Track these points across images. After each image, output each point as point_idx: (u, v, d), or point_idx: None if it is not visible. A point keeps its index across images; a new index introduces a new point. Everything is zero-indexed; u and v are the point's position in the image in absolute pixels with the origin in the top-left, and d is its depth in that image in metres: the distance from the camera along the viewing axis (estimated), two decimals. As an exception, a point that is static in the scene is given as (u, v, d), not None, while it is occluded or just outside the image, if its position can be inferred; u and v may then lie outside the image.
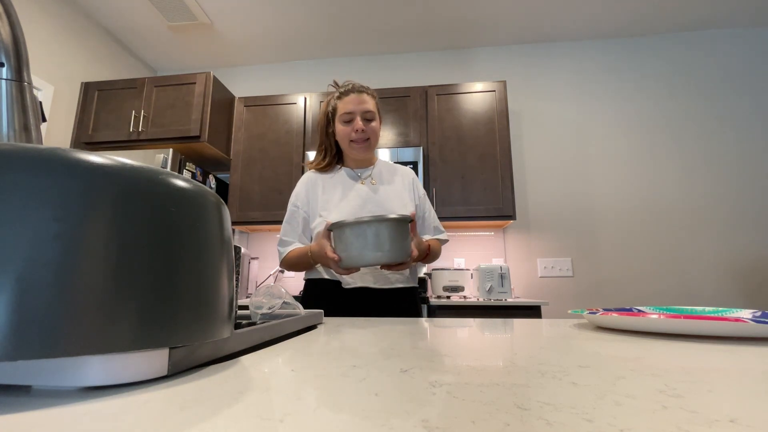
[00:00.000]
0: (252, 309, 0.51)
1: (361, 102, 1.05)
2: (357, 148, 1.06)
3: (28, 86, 0.35)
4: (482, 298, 1.96)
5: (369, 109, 1.05)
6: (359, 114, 1.04)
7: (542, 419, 0.16)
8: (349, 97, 1.05)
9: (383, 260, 0.78)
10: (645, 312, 0.55)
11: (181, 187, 0.23)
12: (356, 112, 1.04)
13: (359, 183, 1.10)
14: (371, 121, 1.06)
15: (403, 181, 1.15)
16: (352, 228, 0.79)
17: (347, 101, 1.05)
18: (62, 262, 0.18)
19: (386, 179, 1.13)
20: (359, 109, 1.04)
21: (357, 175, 1.11)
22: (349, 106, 1.04)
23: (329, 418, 0.16)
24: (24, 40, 0.35)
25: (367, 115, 1.05)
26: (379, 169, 1.15)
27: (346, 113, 1.04)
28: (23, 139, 0.34)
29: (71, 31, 2.48)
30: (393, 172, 1.16)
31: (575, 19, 2.60)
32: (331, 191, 1.08)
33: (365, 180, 1.11)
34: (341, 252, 0.82)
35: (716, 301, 2.37)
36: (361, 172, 1.12)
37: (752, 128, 2.54)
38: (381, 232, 0.78)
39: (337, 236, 0.83)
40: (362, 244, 0.78)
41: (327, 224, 0.85)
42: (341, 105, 1.05)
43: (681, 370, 0.25)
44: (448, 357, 0.31)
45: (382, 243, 0.78)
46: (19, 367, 0.20)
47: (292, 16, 2.62)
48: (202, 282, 0.24)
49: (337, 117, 1.06)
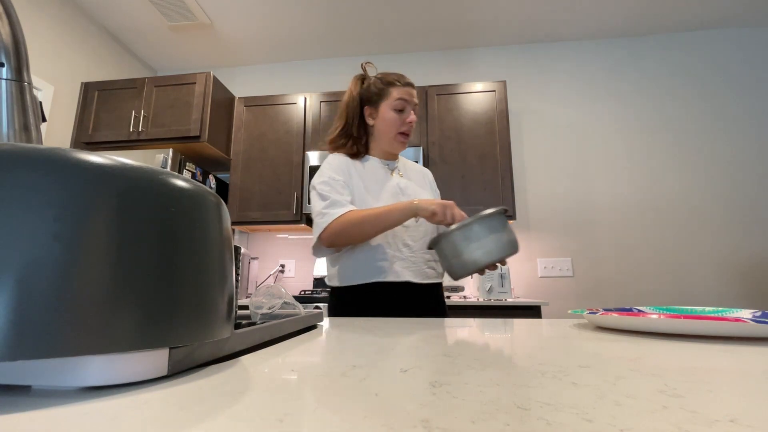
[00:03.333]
0: (252, 309, 0.51)
1: (413, 95, 1.02)
2: (401, 141, 1.03)
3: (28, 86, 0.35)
4: (482, 298, 1.96)
5: (417, 103, 1.04)
6: (413, 106, 1.01)
7: (542, 419, 0.16)
8: (407, 89, 1.01)
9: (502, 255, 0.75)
10: (645, 312, 0.55)
11: (181, 187, 0.23)
12: (411, 103, 1.01)
13: (392, 175, 1.05)
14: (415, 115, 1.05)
15: (424, 179, 1.13)
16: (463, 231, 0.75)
17: (405, 91, 1.01)
18: (62, 262, 0.18)
19: (412, 174, 1.10)
20: (413, 101, 1.02)
21: (388, 167, 1.07)
22: (406, 94, 1.01)
23: (329, 418, 0.16)
24: (24, 40, 0.35)
25: (415, 109, 1.03)
26: (403, 163, 1.12)
27: (401, 100, 1.00)
28: (23, 139, 0.34)
29: (71, 31, 2.48)
30: (415, 169, 1.14)
31: (575, 19, 2.60)
32: (369, 180, 1.02)
33: (394, 172, 1.07)
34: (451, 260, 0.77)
35: (716, 301, 2.37)
36: (389, 164, 1.08)
37: (752, 128, 2.54)
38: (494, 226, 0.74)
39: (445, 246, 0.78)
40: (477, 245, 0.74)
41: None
42: (396, 91, 1.00)
43: (681, 370, 0.25)
44: (448, 357, 0.31)
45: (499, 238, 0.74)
46: (19, 367, 0.20)
47: (292, 16, 2.62)
48: (202, 282, 0.24)
49: (387, 102, 1.01)
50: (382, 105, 1.01)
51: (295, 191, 2.43)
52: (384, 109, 1.01)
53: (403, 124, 1.01)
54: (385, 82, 1.02)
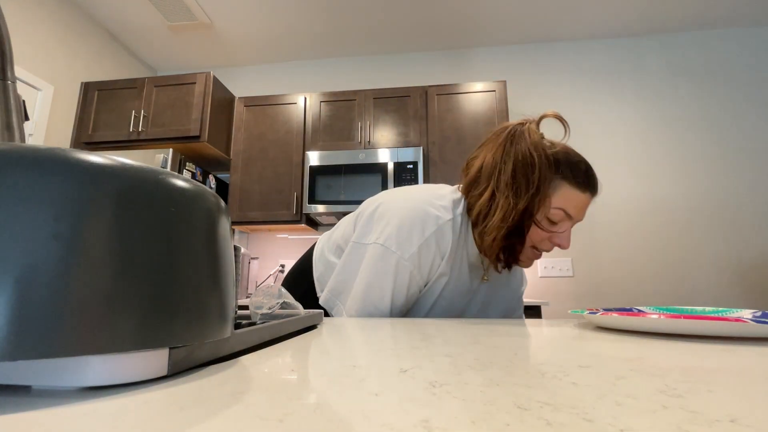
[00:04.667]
0: (252, 309, 0.51)
1: (585, 208, 0.66)
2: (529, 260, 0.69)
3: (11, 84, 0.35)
4: (482, 298, 1.96)
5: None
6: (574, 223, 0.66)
7: (542, 419, 0.16)
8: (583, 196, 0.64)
9: None
10: (645, 312, 0.55)
11: (181, 187, 0.23)
12: (575, 220, 0.65)
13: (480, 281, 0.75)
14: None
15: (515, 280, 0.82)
16: None
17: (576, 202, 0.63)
18: (62, 262, 0.18)
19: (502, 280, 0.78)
20: (580, 217, 0.66)
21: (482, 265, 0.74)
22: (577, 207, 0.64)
23: (329, 418, 0.16)
24: (9, 37, 0.35)
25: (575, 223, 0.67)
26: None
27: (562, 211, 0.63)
28: (5, 138, 0.34)
29: (71, 31, 2.48)
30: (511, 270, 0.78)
31: (575, 19, 2.60)
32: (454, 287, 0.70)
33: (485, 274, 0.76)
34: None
35: (716, 301, 2.36)
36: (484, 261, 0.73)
37: (752, 128, 2.54)
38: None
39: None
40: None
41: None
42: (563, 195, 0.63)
43: (681, 370, 0.25)
44: (448, 357, 0.30)
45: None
46: (19, 367, 0.20)
47: (292, 16, 2.62)
48: (203, 282, 0.24)
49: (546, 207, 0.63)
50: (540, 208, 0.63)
51: (295, 191, 2.43)
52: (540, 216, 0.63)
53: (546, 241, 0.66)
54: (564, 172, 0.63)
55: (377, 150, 2.32)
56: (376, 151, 2.32)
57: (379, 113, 2.47)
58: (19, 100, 0.36)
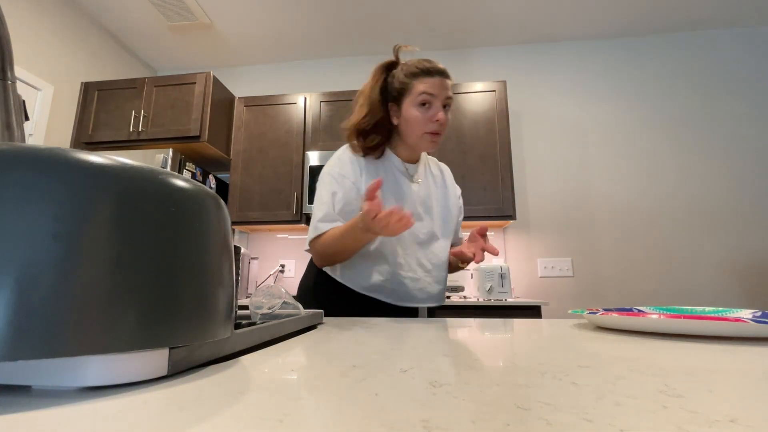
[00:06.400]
0: (252, 309, 0.51)
1: (444, 87, 0.85)
2: (430, 141, 0.86)
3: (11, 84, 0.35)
4: (482, 298, 1.96)
5: (450, 96, 0.86)
6: (441, 101, 0.85)
7: (542, 419, 0.16)
8: (434, 79, 0.85)
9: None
10: (645, 312, 0.55)
11: (181, 187, 0.23)
12: (439, 98, 0.84)
13: (411, 183, 0.93)
14: (447, 110, 0.87)
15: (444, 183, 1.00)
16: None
17: (431, 84, 0.84)
18: (62, 262, 0.18)
19: (431, 181, 0.97)
20: (444, 95, 0.85)
21: (408, 172, 0.93)
22: (432, 88, 0.84)
23: (329, 418, 0.16)
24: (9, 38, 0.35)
25: (447, 102, 0.86)
26: (424, 165, 0.98)
27: (427, 94, 0.84)
28: (5, 138, 0.34)
29: (71, 31, 2.48)
30: (436, 173, 1.00)
31: (575, 19, 2.60)
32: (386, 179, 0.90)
33: (413, 177, 0.94)
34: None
35: (716, 301, 2.37)
36: (410, 168, 0.94)
37: (752, 128, 2.54)
38: None
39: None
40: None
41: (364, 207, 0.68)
42: (419, 84, 0.85)
43: (681, 370, 0.25)
44: (448, 357, 0.30)
45: None
46: (19, 367, 0.20)
47: (292, 17, 2.62)
48: (202, 282, 0.24)
49: (410, 98, 0.86)
50: (405, 102, 0.87)
51: (295, 191, 2.43)
52: (407, 106, 0.86)
53: (428, 122, 0.84)
54: (408, 74, 0.87)
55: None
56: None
57: (379, 113, 2.47)
58: (19, 100, 0.36)
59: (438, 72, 0.86)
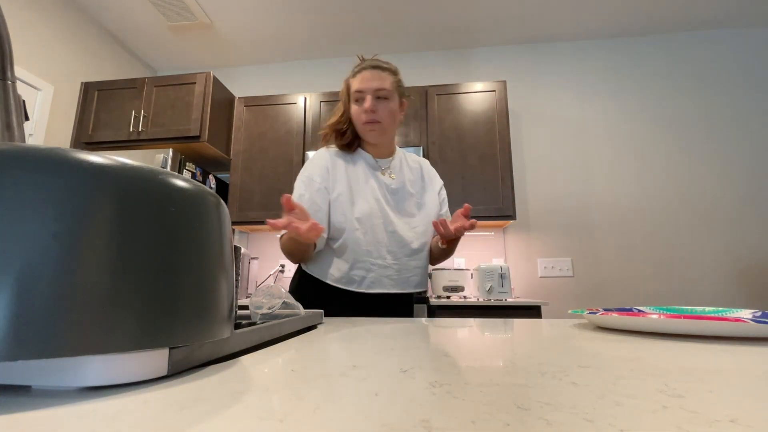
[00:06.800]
0: (252, 309, 0.51)
1: (373, 79, 0.93)
2: (367, 131, 0.95)
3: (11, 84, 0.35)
4: (482, 298, 1.96)
5: (381, 87, 0.93)
6: (370, 93, 0.93)
7: (542, 419, 0.16)
8: (362, 74, 0.94)
9: None
10: (645, 312, 0.55)
11: (181, 187, 0.23)
12: (367, 91, 0.93)
13: (380, 174, 1.00)
14: (386, 101, 0.94)
15: (421, 176, 1.06)
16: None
17: (360, 78, 0.94)
18: (62, 262, 0.18)
19: (406, 174, 1.03)
20: (370, 87, 0.93)
21: (378, 165, 1.01)
22: (360, 83, 0.93)
23: (329, 418, 0.16)
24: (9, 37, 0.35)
25: (380, 93, 0.93)
26: (399, 160, 1.05)
27: (357, 91, 0.93)
28: (5, 138, 0.34)
29: (71, 31, 2.48)
30: (414, 166, 1.06)
31: (575, 19, 2.60)
32: (353, 179, 0.97)
33: (386, 171, 1.01)
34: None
35: (716, 301, 2.37)
36: (382, 162, 1.02)
37: (752, 128, 2.54)
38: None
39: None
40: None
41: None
42: (354, 82, 0.95)
43: (681, 370, 0.25)
44: (448, 357, 0.30)
45: None
46: (19, 367, 0.20)
47: (292, 17, 2.62)
48: (202, 282, 0.24)
49: (351, 96, 0.96)
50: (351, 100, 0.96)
51: (295, 191, 2.43)
52: (351, 104, 0.96)
53: (362, 114, 0.93)
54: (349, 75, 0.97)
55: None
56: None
57: (379, 113, 2.47)
58: (19, 100, 0.36)
59: (368, 67, 0.95)
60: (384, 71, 0.95)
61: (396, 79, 0.97)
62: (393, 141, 1.04)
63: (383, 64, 0.96)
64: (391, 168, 1.02)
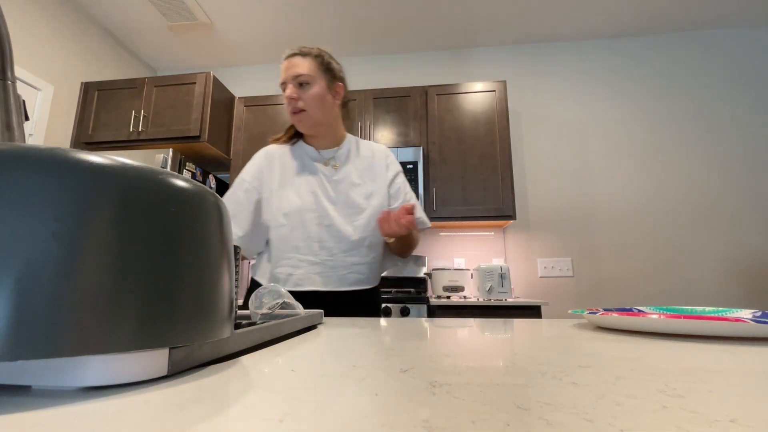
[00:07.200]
0: (252, 309, 0.51)
1: (291, 67, 0.89)
2: (296, 121, 0.92)
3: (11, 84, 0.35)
4: (482, 298, 1.96)
5: (299, 73, 0.88)
6: (290, 81, 0.89)
7: (542, 419, 0.16)
8: (283, 65, 0.91)
9: None
10: (645, 312, 0.55)
11: (181, 187, 0.23)
12: (287, 80, 0.90)
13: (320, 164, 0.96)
14: (308, 86, 0.89)
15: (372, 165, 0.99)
16: None
17: (281, 70, 0.91)
18: (62, 262, 0.18)
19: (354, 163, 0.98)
20: (289, 75, 0.89)
21: (321, 157, 0.97)
22: (281, 74, 0.90)
23: (329, 418, 0.16)
24: (9, 37, 0.35)
25: (300, 80, 0.88)
26: (347, 150, 1.00)
27: (281, 84, 0.91)
28: (5, 138, 0.34)
29: (71, 31, 2.48)
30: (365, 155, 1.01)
31: (575, 19, 2.60)
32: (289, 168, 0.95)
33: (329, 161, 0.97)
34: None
35: (717, 301, 2.37)
36: (324, 153, 0.98)
37: (752, 128, 2.54)
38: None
39: None
40: None
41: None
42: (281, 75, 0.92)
43: (681, 370, 0.25)
44: (448, 357, 0.30)
45: None
46: (19, 367, 0.20)
47: (292, 17, 2.62)
48: (202, 282, 0.24)
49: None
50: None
51: (295, 191, 2.42)
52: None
53: (287, 105, 0.91)
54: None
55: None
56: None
57: (379, 113, 2.47)
58: (19, 100, 0.36)
59: (286, 56, 0.91)
60: (304, 57, 0.90)
61: (318, 62, 0.91)
62: (336, 129, 0.99)
63: (303, 49, 0.91)
64: (336, 158, 0.98)
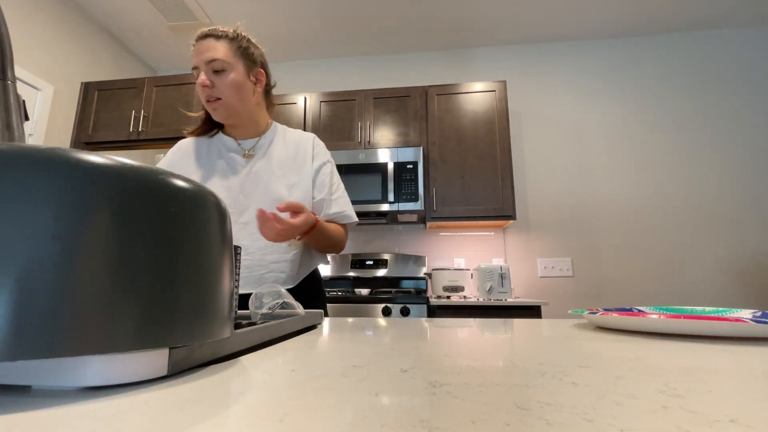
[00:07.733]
0: (252, 309, 0.51)
1: (204, 50, 0.80)
2: (211, 110, 0.84)
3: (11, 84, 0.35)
4: (482, 298, 1.96)
5: (213, 58, 0.79)
6: (203, 66, 0.80)
7: (542, 419, 0.16)
8: (195, 47, 0.81)
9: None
10: (645, 312, 0.55)
11: (181, 187, 0.23)
12: (199, 65, 0.81)
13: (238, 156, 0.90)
14: (224, 73, 0.81)
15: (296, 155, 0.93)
16: None
17: (194, 52, 0.81)
18: (62, 262, 0.18)
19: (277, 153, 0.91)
20: (202, 59, 0.80)
21: (240, 148, 0.91)
22: (194, 58, 0.81)
23: (329, 418, 0.16)
24: (9, 37, 0.35)
25: (215, 66, 0.80)
26: (270, 139, 0.94)
27: (193, 68, 0.82)
28: (5, 138, 0.34)
29: (71, 31, 2.48)
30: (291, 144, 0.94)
31: (575, 19, 2.60)
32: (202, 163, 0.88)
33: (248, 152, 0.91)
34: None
35: (717, 302, 2.37)
36: (245, 144, 0.91)
37: (752, 128, 2.54)
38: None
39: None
40: None
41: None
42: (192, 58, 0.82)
43: (681, 370, 0.25)
44: (448, 357, 0.31)
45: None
46: (19, 367, 0.20)
47: (291, 16, 2.62)
48: (202, 282, 0.24)
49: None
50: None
51: (295, 191, 2.42)
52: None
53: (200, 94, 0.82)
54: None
55: (377, 150, 2.33)
56: (376, 151, 2.32)
57: (379, 113, 2.47)
58: (19, 100, 0.36)
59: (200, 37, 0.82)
60: (218, 39, 0.81)
61: (235, 46, 0.83)
62: (257, 118, 0.93)
63: (217, 31, 0.82)
64: (256, 148, 0.91)
